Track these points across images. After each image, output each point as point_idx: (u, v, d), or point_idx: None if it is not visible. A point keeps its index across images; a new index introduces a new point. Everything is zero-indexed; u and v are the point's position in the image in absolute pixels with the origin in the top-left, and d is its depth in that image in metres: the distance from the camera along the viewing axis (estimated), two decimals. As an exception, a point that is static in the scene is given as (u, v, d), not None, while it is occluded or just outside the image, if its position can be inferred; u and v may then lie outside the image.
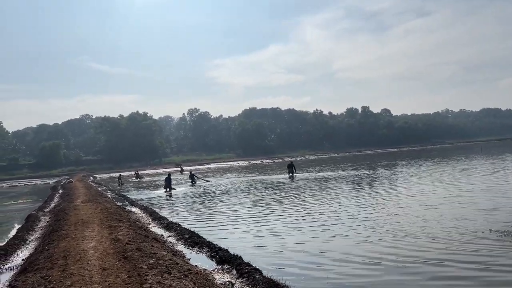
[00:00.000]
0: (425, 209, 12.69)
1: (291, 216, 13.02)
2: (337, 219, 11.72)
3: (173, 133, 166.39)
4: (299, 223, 11.76)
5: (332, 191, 20.04)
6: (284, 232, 10.63)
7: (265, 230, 11.01)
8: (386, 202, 14.70)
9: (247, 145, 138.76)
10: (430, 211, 12.24)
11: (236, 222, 12.54)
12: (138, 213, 15.69)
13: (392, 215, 11.94)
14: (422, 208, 12.80)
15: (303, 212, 13.61)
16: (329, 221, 11.53)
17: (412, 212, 12.27)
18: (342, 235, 9.88)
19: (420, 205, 13.50)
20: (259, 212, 14.47)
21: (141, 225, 11.38)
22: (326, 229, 10.65)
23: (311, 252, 8.38)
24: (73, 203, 18.98)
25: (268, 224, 11.81)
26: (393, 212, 12.52)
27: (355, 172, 32.50)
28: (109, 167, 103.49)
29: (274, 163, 73.75)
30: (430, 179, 22.82)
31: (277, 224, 11.78)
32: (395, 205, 13.81)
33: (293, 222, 12.01)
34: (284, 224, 11.71)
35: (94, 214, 13.17)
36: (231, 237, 10.42)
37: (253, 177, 35.17)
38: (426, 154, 64.61)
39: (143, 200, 22.05)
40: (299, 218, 12.54)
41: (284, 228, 11.18)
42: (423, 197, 15.36)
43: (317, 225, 11.22)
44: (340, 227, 10.70)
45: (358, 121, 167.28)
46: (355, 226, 10.71)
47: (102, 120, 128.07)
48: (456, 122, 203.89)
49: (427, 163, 38.31)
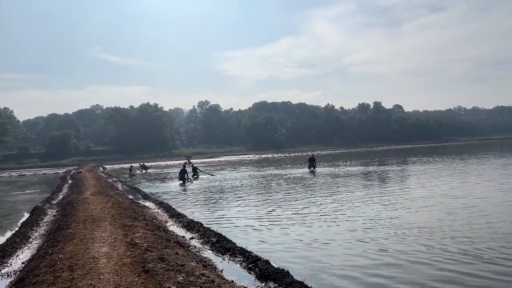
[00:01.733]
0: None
1: (330, 218, 11.51)
2: (392, 227, 10.13)
3: (183, 125, 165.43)
4: (341, 225, 10.30)
5: (367, 188, 18.51)
6: (326, 237, 9.15)
7: (302, 234, 9.52)
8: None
9: (257, 138, 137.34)
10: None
11: (263, 222, 11.08)
12: (153, 208, 14.33)
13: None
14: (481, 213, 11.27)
15: (343, 213, 12.12)
16: (379, 230, 9.91)
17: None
18: (400, 249, 8.41)
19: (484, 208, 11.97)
20: (289, 210, 13.01)
21: (158, 224, 10.00)
22: (380, 237, 9.16)
23: (367, 269, 6.89)
24: (82, 195, 17.72)
25: (304, 227, 10.33)
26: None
27: (379, 168, 30.90)
28: (118, 158, 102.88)
29: (286, 158, 72.28)
30: (468, 175, 21.20)
31: (313, 227, 10.30)
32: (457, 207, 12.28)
33: (334, 225, 10.53)
34: (323, 228, 10.22)
35: (105, 209, 11.84)
36: (259, 240, 9.00)
37: (270, 171, 33.70)
38: (443, 151, 62.61)
39: (157, 194, 20.68)
40: (339, 220, 11.05)
41: (326, 232, 9.71)
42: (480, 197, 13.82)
43: (363, 231, 9.75)
44: (396, 235, 9.21)
45: (370, 116, 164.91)
46: (402, 232, 9.23)
47: (112, 111, 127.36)
48: (468, 119, 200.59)
49: (453, 160, 36.48)
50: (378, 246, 8.04)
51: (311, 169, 31.66)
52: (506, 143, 77.80)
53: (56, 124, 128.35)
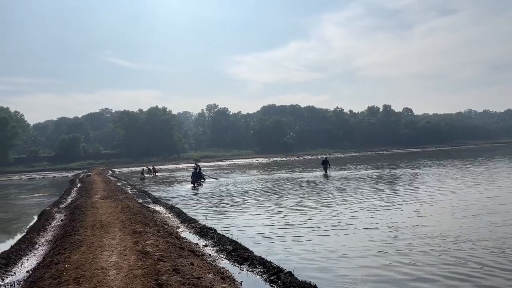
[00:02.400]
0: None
1: (346, 225, 10.92)
2: (415, 236, 9.51)
3: (191, 128, 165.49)
4: (359, 233, 9.72)
5: (382, 193, 17.87)
6: (345, 247, 8.57)
7: (319, 243, 8.92)
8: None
9: (266, 142, 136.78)
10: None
11: (276, 230, 10.48)
12: (163, 213, 13.83)
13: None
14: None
15: (360, 220, 11.52)
16: (401, 239, 9.29)
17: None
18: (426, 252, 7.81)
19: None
20: (302, 216, 12.45)
21: (170, 230, 9.49)
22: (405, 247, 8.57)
23: (399, 285, 6.30)
24: (91, 199, 17.32)
25: (321, 235, 9.74)
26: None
27: (394, 171, 30.18)
28: (127, 161, 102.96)
29: (295, 161, 71.61)
30: (491, 179, 20.44)
31: (330, 235, 9.71)
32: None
33: (351, 233, 9.94)
34: (340, 236, 9.63)
35: (115, 214, 11.37)
36: (274, 249, 8.44)
37: (281, 175, 33.13)
38: (457, 154, 61.49)
39: (166, 197, 20.20)
40: (356, 228, 10.45)
41: (344, 241, 9.13)
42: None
43: (384, 240, 9.15)
44: (421, 245, 8.61)
45: (379, 120, 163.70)
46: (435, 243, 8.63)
47: (121, 114, 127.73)
48: (479, 122, 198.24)
49: (471, 163, 35.55)
50: (404, 258, 7.42)
51: (325, 172, 31.08)
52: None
53: (65, 128, 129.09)
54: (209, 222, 11.37)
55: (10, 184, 47.50)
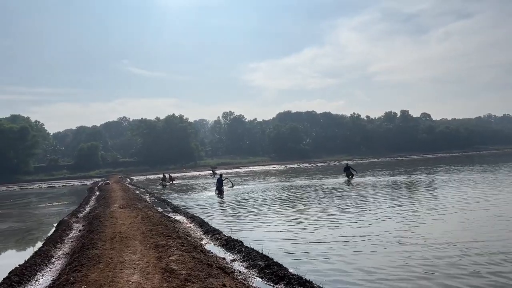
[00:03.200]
0: None
1: (377, 237, 10.09)
2: (459, 254, 8.66)
3: (207, 136, 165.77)
4: (389, 248, 8.90)
5: (414, 202, 16.94)
6: (381, 263, 7.76)
7: (355, 260, 8.10)
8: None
9: (282, 149, 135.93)
10: None
11: (305, 242, 9.70)
12: (184, 222, 13.18)
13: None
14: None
15: (391, 232, 10.68)
16: (445, 256, 8.45)
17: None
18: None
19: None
20: (331, 227, 11.66)
21: (193, 243, 8.81)
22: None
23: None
24: (110, 208, 16.81)
25: (354, 250, 8.95)
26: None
27: (419, 177, 29.06)
28: (145, 169, 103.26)
29: (312, 168, 70.57)
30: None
31: (363, 250, 8.91)
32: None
33: (382, 248, 9.12)
34: (376, 252, 8.82)
35: (134, 225, 10.77)
36: (307, 265, 7.69)
37: (302, 182, 32.28)
38: (481, 160, 59.64)
39: (186, 206, 19.59)
40: (389, 242, 9.62)
41: (378, 256, 8.32)
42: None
43: (424, 258, 8.32)
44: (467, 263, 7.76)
45: (397, 125, 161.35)
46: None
47: (139, 123, 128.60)
48: (499, 127, 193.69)
49: (501, 169, 34.16)
50: (456, 281, 6.55)
51: (348, 178, 30.25)
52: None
53: (84, 136, 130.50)
54: (233, 233, 10.66)
55: (31, 192, 47.70)
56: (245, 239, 9.61)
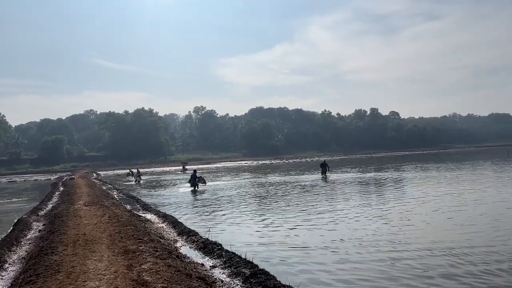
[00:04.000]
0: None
1: (359, 239, 9.52)
2: (447, 253, 8.15)
3: (178, 131, 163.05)
4: (381, 248, 8.33)
5: (391, 198, 16.56)
6: (371, 268, 7.16)
7: (343, 267, 7.48)
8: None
9: (254, 144, 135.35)
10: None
11: (291, 250, 9.01)
12: (156, 222, 12.24)
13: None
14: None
15: (374, 232, 10.15)
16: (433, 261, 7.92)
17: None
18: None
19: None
20: (317, 228, 11.03)
21: (168, 247, 7.94)
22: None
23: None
24: (74, 205, 15.63)
25: (339, 254, 8.34)
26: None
27: (393, 174, 29.00)
28: (112, 164, 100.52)
29: (285, 164, 70.27)
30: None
31: (349, 253, 8.31)
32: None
33: (375, 249, 8.53)
34: (362, 254, 8.23)
35: (101, 225, 9.78)
36: (290, 270, 7.00)
37: (277, 178, 31.68)
38: (449, 158, 60.89)
39: (157, 203, 18.57)
40: (379, 245, 9.07)
41: (367, 260, 7.72)
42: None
43: (411, 258, 7.78)
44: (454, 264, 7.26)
45: (366, 123, 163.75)
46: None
47: (106, 116, 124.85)
48: (464, 126, 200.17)
49: (471, 167, 34.60)
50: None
51: (324, 175, 30.10)
52: (502, 150, 75.95)
53: (48, 129, 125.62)
54: (211, 234, 9.83)
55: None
56: (223, 241, 8.80)
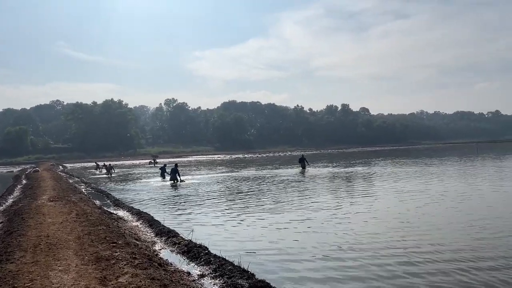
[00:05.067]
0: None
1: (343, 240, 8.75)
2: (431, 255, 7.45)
3: (148, 123, 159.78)
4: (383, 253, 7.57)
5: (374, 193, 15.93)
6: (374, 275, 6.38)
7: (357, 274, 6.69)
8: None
9: (226, 138, 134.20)
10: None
11: (288, 255, 8.13)
12: (129, 220, 11.09)
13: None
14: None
15: (364, 229, 9.41)
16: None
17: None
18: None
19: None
20: (308, 228, 10.21)
21: (146, 250, 6.89)
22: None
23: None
24: (37, 200, 14.24)
25: (334, 260, 7.54)
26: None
27: (371, 169, 28.64)
28: (80, 156, 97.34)
29: (258, 158, 69.55)
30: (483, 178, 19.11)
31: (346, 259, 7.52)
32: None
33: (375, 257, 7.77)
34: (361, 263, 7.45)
35: (68, 225, 8.60)
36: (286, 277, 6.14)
37: (254, 173, 30.80)
38: (420, 153, 61.65)
39: (128, 199, 17.32)
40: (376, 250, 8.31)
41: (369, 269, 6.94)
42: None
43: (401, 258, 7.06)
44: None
45: (338, 118, 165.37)
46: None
47: (74, 107, 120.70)
48: (431, 123, 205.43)
49: (448, 163, 34.71)
50: None
51: (303, 170, 30.11)
52: (480, 146, 77.89)
53: (12, 120, 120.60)
54: (193, 234, 8.80)
55: None
56: (209, 243, 7.81)
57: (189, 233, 8.72)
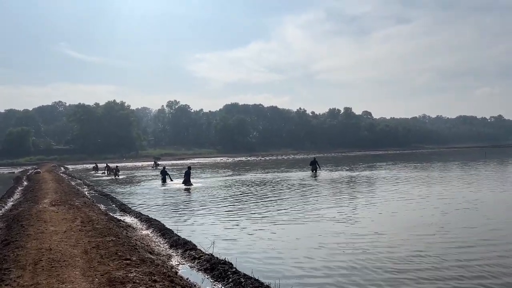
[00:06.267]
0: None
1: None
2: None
3: (150, 125, 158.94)
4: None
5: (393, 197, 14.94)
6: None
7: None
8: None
9: (228, 141, 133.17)
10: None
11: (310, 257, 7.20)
12: (138, 228, 10.13)
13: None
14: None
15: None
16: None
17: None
18: None
19: None
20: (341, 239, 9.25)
21: (164, 268, 5.95)
22: None
23: None
24: (38, 204, 13.31)
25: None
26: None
27: (387, 172, 27.67)
28: (81, 158, 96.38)
29: (262, 161, 68.57)
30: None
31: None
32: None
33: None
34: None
35: (72, 234, 7.66)
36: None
37: (265, 176, 29.83)
38: (428, 158, 60.58)
39: (134, 203, 16.37)
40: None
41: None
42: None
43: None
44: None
45: (340, 122, 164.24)
46: None
47: (76, 108, 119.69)
48: (434, 128, 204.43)
49: (459, 168, 33.74)
50: None
51: (314, 172, 29.64)
52: (487, 151, 76.75)
53: (14, 120, 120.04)
54: (215, 247, 7.80)
55: None
56: (232, 258, 6.82)
57: (209, 246, 7.72)
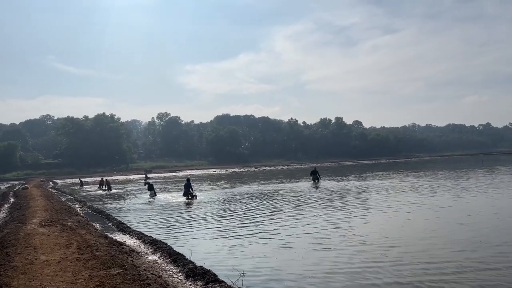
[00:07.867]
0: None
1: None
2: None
3: (140, 138, 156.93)
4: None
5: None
6: None
7: None
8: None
9: (220, 152, 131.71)
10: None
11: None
12: (143, 252, 8.86)
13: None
14: None
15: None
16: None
17: None
18: None
19: None
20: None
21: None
22: None
23: None
24: (26, 225, 11.96)
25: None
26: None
27: (389, 181, 26.69)
28: (71, 172, 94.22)
29: (256, 172, 67.30)
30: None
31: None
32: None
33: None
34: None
35: (68, 266, 6.41)
36: None
37: (266, 187, 28.75)
38: (423, 166, 59.95)
39: (133, 221, 15.06)
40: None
41: None
42: None
43: None
44: None
45: (331, 131, 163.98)
46: None
47: (64, 121, 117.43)
48: (423, 136, 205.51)
49: (460, 175, 32.98)
50: None
51: (315, 182, 29.33)
52: (462, 159, 76.59)
53: (0, 135, 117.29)
54: (243, 280, 6.54)
55: None
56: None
57: (237, 279, 6.43)
